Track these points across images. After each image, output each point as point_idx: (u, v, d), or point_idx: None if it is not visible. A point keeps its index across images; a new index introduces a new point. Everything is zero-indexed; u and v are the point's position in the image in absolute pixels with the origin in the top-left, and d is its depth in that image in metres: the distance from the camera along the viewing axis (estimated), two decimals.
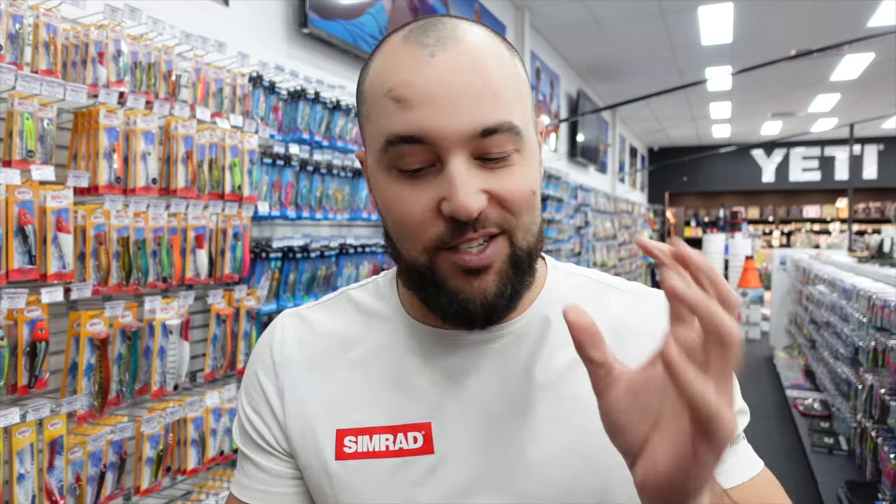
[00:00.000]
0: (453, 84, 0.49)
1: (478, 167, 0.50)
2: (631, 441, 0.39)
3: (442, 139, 0.49)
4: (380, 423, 0.57)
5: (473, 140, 0.50)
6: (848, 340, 3.38)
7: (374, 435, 0.57)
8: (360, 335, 0.61)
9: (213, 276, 1.79)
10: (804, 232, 13.75)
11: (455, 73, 0.49)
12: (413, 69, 0.50)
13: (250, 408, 0.63)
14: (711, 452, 0.34)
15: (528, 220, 0.52)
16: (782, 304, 6.45)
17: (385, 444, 0.56)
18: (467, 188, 0.49)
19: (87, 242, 1.45)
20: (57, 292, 1.36)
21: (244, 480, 0.62)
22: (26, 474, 1.30)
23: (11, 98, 1.31)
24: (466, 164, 0.50)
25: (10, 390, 1.29)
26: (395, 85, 0.50)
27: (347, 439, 0.57)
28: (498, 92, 0.51)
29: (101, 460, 1.46)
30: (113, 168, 1.51)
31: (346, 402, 0.59)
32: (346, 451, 0.57)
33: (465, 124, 0.49)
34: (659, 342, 0.59)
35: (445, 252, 0.50)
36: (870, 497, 2.61)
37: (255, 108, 2.00)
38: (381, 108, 0.51)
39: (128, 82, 1.56)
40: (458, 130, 0.49)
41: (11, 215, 1.28)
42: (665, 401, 0.38)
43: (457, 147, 0.49)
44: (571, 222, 5.98)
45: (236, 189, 1.85)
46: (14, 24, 1.33)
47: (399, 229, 0.52)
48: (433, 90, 0.49)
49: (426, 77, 0.49)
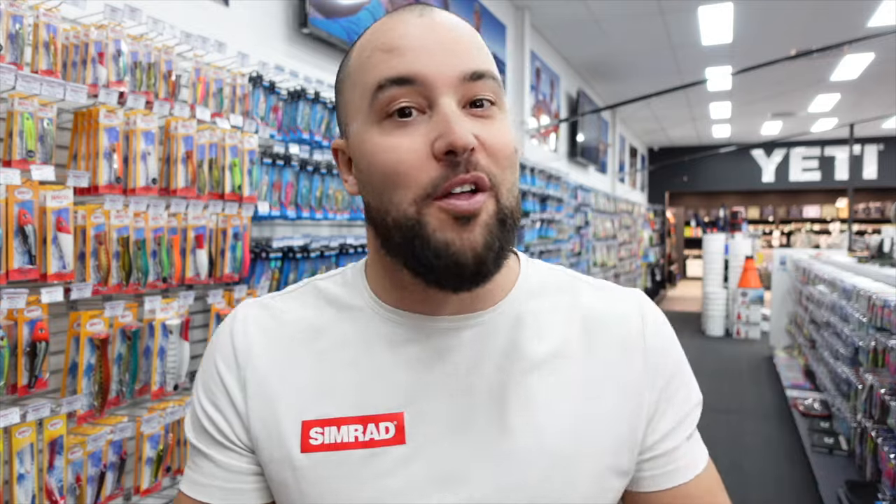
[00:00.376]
0: (441, 33, 0.53)
1: (466, 114, 0.52)
2: None
3: (434, 79, 0.51)
4: (349, 414, 0.56)
5: (463, 84, 0.52)
6: (848, 340, 3.38)
7: (342, 426, 0.55)
8: (327, 325, 0.59)
9: (213, 276, 1.79)
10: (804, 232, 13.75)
11: (441, 26, 0.54)
12: (401, 26, 0.53)
13: (208, 401, 0.60)
14: None
15: (511, 178, 0.54)
16: (782, 304, 6.45)
17: (354, 434, 0.55)
18: (462, 122, 0.50)
19: (87, 242, 1.45)
20: (57, 292, 1.36)
21: (198, 477, 0.59)
22: (26, 474, 1.30)
23: (11, 98, 1.31)
24: (457, 107, 0.52)
25: (10, 390, 1.29)
26: (385, 39, 0.53)
27: (314, 431, 0.56)
28: (480, 45, 0.55)
29: (101, 460, 1.46)
30: (113, 168, 1.51)
31: (313, 394, 0.57)
32: (312, 442, 0.55)
33: (457, 66, 0.52)
34: (624, 339, 0.58)
35: (436, 201, 0.50)
36: (870, 497, 2.61)
37: (255, 108, 2.00)
38: (371, 63, 0.53)
39: (128, 82, 1.56)
40: (450, 72, 0.52)
41: (11, 215, 1.28)
42: None
43: (448, 88, 0.52)
44: (571, 222, 5.98)
45: (236, 189, 1.85)
46: (14, 24, 1.33)
47: (389, 182, 0.51)
48: (424, 38, 0.52)
49: (417, 29, 0.53)
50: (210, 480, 0.59)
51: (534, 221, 4.77)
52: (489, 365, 0.56)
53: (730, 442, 3.77)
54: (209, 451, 0.59)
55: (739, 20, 5.31)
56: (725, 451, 3.61)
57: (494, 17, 4.64)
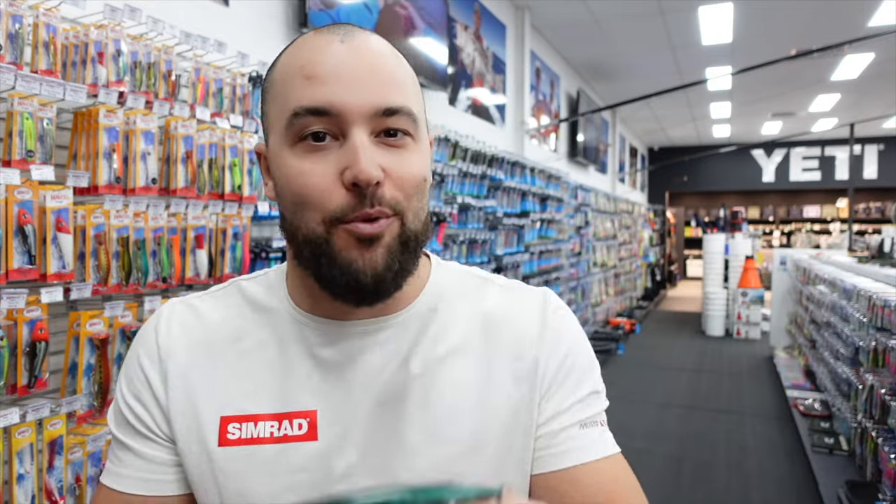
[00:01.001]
0: (359, 65, 0.55)
1: (377, 144, 0.55)
2: None
3: (347, 112, 0.54)
4: (266, 411, 0.59)
5: (375, 118, 0.54)
6: (848, 340, 3.38)
7: (259, 422, 0.58)
8: (247, 326, 0.63)
9: (213, 275, 1.79)
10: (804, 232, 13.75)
11: (361, 56, 0.55)
12: (323, 51, 0.55)
13: (130, 394, 0.62)
14: None
15: (418, 204, 0.57)
16: (782, 305, 6.44)
17: (270, 430, 0.58)
18: (368, 157, 0.53)
19: (86, 242, 1.45)
20: (57, 292, 1.36)
21: (120, 469, 0.61)
22: (26, 474, 1.30)
23: (11, 98, 1.31)
24: (368, 138, 0.54)
25: (9, 390, 1.29)
26: (306, 63, 0.55)
27: (231, 426, 0.58)
28: (398, 80, 0.56)
29: (100, 460, 1.46)
30: (113, 168, 1.51)
31: (231, 391, 0.60)
32: (229, 437, 0.58)
33: (369, 101, 0.54)
34: (523, 332, 0.61)
35: (342, 225, 0.53)
36: (870, 497, 2.60)
37: (254, 108, 2.00)
38: (290, 85, 0.56)
39: (127, 82, 1.56)
40: (363, 106, 0.54)
41: (11, 215, 1.28)
42: None
43: (360, 121, 0.54)
44: (571, 222, 5.98)
45: (236, 189, 1.85)
46: (14, 23, 1.33)
47: (300, 201, 0.54)
48: (341, 68, 0.54)
49: (335, 57, 0.55)
50: (131, 472, 0.61)
51: (534, 221, 4.77)
52: (395, 365, 0.60)
53: (730, 442, 3.77)
54: (131, 443, 0.61)
55: (739, 20, 5.31)
56: (725, 451, 3.61)
57: (495, 16, 4.64)
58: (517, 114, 5.12)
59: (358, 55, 0.55)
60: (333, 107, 0.53)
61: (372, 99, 0.54)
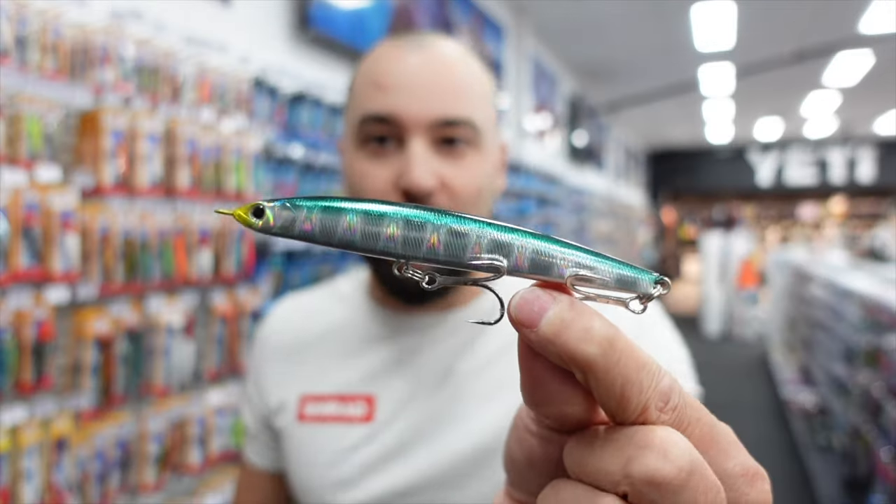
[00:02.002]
0: (423, 75, 0.58)
1: (435, 152, 0.58)
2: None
3: (406, 121, 0.57)
4: (334, 392, 0.65)
5: (434, 127, 0.57)
6: (843, 340, 3.42)
7: (328, 401, 0.65)
8: (331, 316, 0.70)
9: (216, 276, 1.80)
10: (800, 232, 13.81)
11: (427, 66, 0.59)
12: (393, 60, 0.60)
13: (249, 381, 0.74)
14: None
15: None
16: (778, 304, 6.49)
17: (335, 410, 0.64)
18: (422, 165, 0.56)
19: (92, 243, 1.47)
20: (62, 292, 1.38)
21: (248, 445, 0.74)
22: (33, 472, 1.31)
23: (19, 100, 1.32)
24: (425, 146, 0.57)
25: (16, 389, 1.30)
26: (377, 72, 0.60)
27: (308, 404, 0.66)
28: (462, 90, 0.59)
29: (105, 458, 1.48)
30: (118, 169, 1.52)
31: (312, 372, 0.67)
32: (306, 413, 0.65)
33: (428, 111, 0.57)
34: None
35: None
36: (864, 494, 2.64)
37: (258, 110, 2.02)
38: (363, 92, 0.61)
39: (132, 85, 1.58)
40: (421, 115, 0.57)
41: (18, 216, 1.29)
42: None
43: (418, 129, 0.57)
44: (569, 223, 6.01)
45: (239, 190, 1.86)
46: (21, 27, 1.34)
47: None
48: (405, 78, 0.58)
49: (402, 67, 0.59)
50: (250, 447, 0.74)
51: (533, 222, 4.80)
52: (454, 358, 0.63)
53: None
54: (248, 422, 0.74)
55: (738, 21, 5.35)
56: None
57: (494, 19, 4.66)
58: (516, 115, 5.14)
59: (424, 65, 0.58)
60: (394, 115, 0.57)
61: (431, 109, 0.57)
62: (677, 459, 0.20)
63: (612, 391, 0.21)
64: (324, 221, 0.23)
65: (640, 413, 0.21)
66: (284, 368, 0.69)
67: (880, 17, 5.06)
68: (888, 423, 2.50)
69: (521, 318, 0.22)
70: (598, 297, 0.24)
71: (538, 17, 5.28)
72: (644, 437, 0.21)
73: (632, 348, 0.21)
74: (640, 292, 0.24)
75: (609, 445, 0.21)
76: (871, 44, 5.55)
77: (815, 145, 12.13)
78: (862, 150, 11.75)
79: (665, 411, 0.22)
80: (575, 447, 0.23)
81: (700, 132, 11.19)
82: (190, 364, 1.70)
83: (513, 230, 0.24)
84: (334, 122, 2.39)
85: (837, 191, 12.55)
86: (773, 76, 6.17)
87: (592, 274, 0.23)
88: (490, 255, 0.23)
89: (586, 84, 7.53)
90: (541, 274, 0.23)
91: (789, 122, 10.05)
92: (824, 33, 5.33)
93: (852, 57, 6.27)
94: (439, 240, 0.23)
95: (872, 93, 7.76)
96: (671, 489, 0.20)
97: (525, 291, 0.22)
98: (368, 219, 0.23)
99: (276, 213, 0.24)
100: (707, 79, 6.04)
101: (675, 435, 0.21)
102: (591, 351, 0.21)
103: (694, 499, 0.20)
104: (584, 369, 0.21)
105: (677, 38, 5.82)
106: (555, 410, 0.23)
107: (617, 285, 0.24)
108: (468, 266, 0.24)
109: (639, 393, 0.21)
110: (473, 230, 0.23)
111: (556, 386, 0.22)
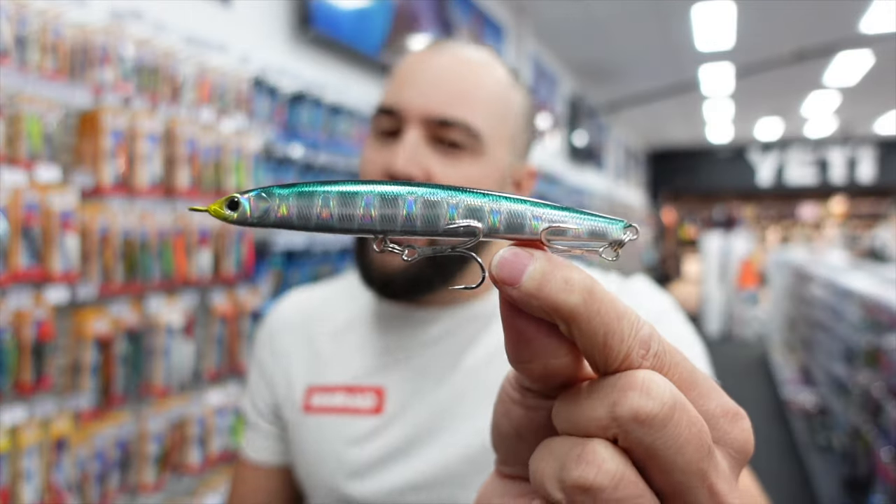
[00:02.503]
0: (431, 75, 0.61)
1: (430, 147, 0.60)
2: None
3: (404, 113, 0.60)
4: (341, 383, 0.65)
5: (430, 124, 0.59)
6: (843, 340, 3.42)
7: (335, 392, 0.65)
8: (341, 308, 0.71)
9: (216, 276, 1.80)
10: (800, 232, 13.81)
11: (435, 66, 0.61)
12: (414, 61, 0.63)
13: (254, 373, 0.74)
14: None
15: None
16: (778, 304, 6.48)
17: (343, 401, 0.65)
18: (408, 153, 0.58)
19: (91, 243, 1.47)
20: (62, 292, 1.38)
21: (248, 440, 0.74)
22: (33, 472, 1.31)
23: (19, 100, 1.32)
24: (418, 137, 0.59)
25: (16, 389, 1.30)
26: (399, 70, 0.63)
27: (315, 395, 0.66)
28: (468, 94, 0.60)
29: (105, 458, 1.48)
30: (118, 169, 1.52)
31: (319, 363, 0.68)
32: (312, 404, 0.66)
33: (425, 107, 0.59)
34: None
35: None
36: (864, 495, 2.64)
37: (258, 110, 2.02)
38: (387, 86, 0.64)
39: (132, 85, 1.58)
40: (418, 109, 0.59)
41: (18, 216, 1.29)
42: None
43: (413, 120, 0.59)
44: None
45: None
46: (21, 27, 1.34)
47: None
48: (415, 76, 0.61)
49: (417, 67, 0.62)
50: (252, 442, 0.74)
51: None
52: (460, 353, 0.64)
53: None
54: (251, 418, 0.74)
55: (739, 21, 5.35)
56: None
57: (494, 19, 4.66)
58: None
59: (436, 64, 0.61)
60: (395, 107, 0.61)
61: (428, 106, 0.59)
62: (659, 396, 0.21)
63: (595, 340, 0.22)
64: (300, 206, 0.24)
65: (622, 361, 0.22)
66: (291, 359, 0.69)
67: (880, 17, 5.05)
68: (888, 423, 2.50)
69: (502, 276, 0.22)
70: (572, 248, 0.25)
71: (538, 17, 5.28)
72: (627, 381, 0.22)
73: (611, 298, 0.22)
74: (611, 240, 0.25)
75: (594, 394, 0.22)
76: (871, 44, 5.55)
77: (815, 145, 12.12)
78: (862, 150, 11.75)
79: (646, 358, 0.22)
80: (562, 404, 0.23)
81: (700, 132, 11.18)
82: (190, 364, 1.70)
83: (484, 194, 0.24)
84: (334, 122, 2.39)
85: (837, 191, 12.54)
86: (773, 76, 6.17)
87: (565, 226, 0.24)
88: (465, 220, 0.24)
89: (586, 84, 7.53)
90: (516, 233, 0.24)
91: (789, 122, 10.05)
92: (824, 33, 5.33)
93: (852, 57, 6.26)
94: (415, 211, 0.24)
95: (872, 93, 7.75)
96: (656, 424, 0.21)
97: (504, 251, 0.23)
98: (343, 199, 0.24)
99: (252, 203, 0.24)
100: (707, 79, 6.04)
101: (656, 375, 0.22)
102: (573, 300, 0.21)
103: (678, 432, 0.21)
104: (567, 319, 0.22)
105: (677, 38, 5.82)
106: (540, 366, 0.23)
107: (589, 237, 0.25)
108: (445, 233, 0.24)
109: (620, 342, 0.22)
110: (445, 198, 0.24)
111: (540, 340, 0.23)
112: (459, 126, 0.59)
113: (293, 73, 2.22)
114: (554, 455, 0.22)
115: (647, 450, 0.21)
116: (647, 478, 0.22)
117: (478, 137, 0.60)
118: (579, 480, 0.21)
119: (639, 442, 0.21)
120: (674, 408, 0.21)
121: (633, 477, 0.21)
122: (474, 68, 0.61)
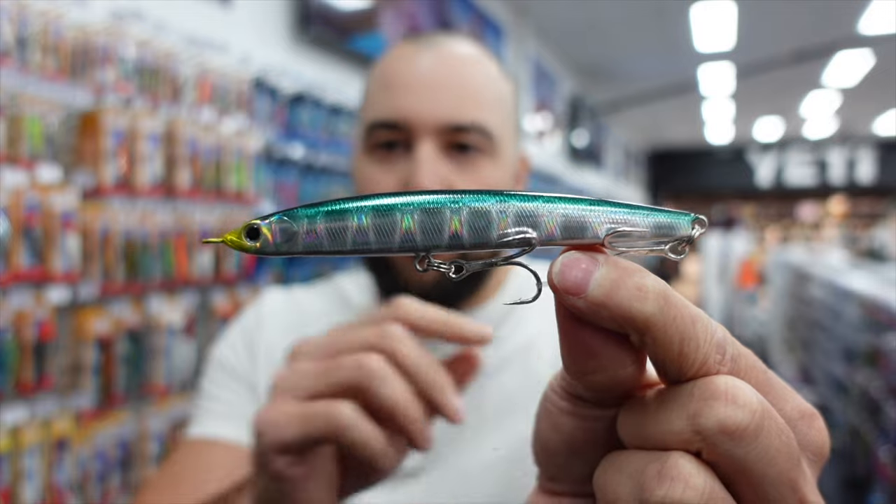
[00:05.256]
0: (432, 77, 0.55)
1: (445, 157, 0.55)
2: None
3: (414, 125, 0.54)
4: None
5: (443, 132, 0.55)
6: (842, 340, 3.42)
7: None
8: (328, 313, 0.65)
9: (217, 276, 1.81)
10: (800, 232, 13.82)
11: (435, 69, 0.56)
12: (403, 63, 0.57)
13: (227, 352, 0.69)
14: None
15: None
16: (777, 304, 6.49)
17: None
18: (429, 171, 0.53)
19: (92, 243, 1.47)
20: (63, 292, 1.38)
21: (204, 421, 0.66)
22: (33, 472, 1.31)
23: (20, 100, 1.33)
24: (433, 150, 0.54)
25: (17, 389, 1.30)
26: (386, 75, 0.57)
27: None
28: (474, 94, 0.56)
29: (106, 458, 1.48)
30: (118, 169, 1.53)
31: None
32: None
33: (437, 115, 0.54)
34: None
35: None
36: (863, 495, 2.64)
37: (258, 110, 2.02)
38: (372, 94, 0.58)
39: (133, 85, 1.58)
40: (430, 119, 0.54)
41: (19, 216, 1.30)
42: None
43: (426, 134, 0.54)
44: None
45: (240, 190, 1.87)
46: (22, 28, 1.35)
47: None
48: (415, 79, 0.55)
49: (411, 70, 0.56)
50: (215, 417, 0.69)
51: None
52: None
53: None
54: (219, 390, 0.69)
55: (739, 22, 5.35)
56: None
57: (494, 19, 4.67)
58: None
59: (435, 66, 0.55)
60: (401, 120, 0.55)
61: (441, 113, 0.54)
62: (748, 404, 0.19)
63: (670, 349, 0.20)
64: (330, 228, 0.21)
65: (698, 368, 0.20)
66: (278, 364, 0.65)
67: (880, 17, 5.06)
68: (888, 423, 2.51)
69: (566, 286, 0.20)
70: (637, 251, 0.22)
71: (538, 17, 5.28)
72: (706, 389, 0.20)
73: (684, 302, 0.20)
74: (678, 237, 0.22)
75: (669, 404, 0.20)
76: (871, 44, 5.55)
77: (814, 145, 12.13)
78: (862, 150, 11.75)
79: (723, 363, 0.21)
80: (630, 415, 0.21)
81: (700, 132, 11.19)
82: (190, 364, 1.70)
83: (535, 197, 0.22)
84: (334, 123, 2.39)
85: (837, 191, 12.55)
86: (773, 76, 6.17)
87: (629, 228, 0.21)
88: (517, 228, 0.21)
89: (586, 84, 7.53)
90: (575, 238, 0.22)
91: (789, 122, 10.05)
92: (824, 33, 5.33)
93: (852, 57, 6.27)
94: (461, 224, 0.21)
95: (872, 93, 7.76)
96: (747, 435, 0.19)
97: (563, 258, 0.20)
98: (379, 215, 0.21)
99: (274, 229, 0.21)
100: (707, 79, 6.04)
101: (738, 381, 0.20)
102: (649, 308, 0.20)
103: (769, 443, 0.19)
104: (641, 329, 0.20)
105: (677, 38, 5.82)
106: (606, 377, 0.21)
107: (654, 234, 0.22)
108: (497, 245, 0.21)
109: (696, 348, 0.20)
110: (495, 206, 0.21)
111: (607, 351, 0.21)
112: (475, 130, 0.55)
113: (293, 74, 2.22)
114: (626, 472, 0.20)
115: (736, 463, 0.19)
116: (734, 492, 0.20)
117: (491, 138, 0.56)
118: (665, 500, 0.19)
119: (728, 455, 0.19)
120: (763, 416, 0.19)
121: (722, 493, 0.20)
122: (472, 66, 0.57)
